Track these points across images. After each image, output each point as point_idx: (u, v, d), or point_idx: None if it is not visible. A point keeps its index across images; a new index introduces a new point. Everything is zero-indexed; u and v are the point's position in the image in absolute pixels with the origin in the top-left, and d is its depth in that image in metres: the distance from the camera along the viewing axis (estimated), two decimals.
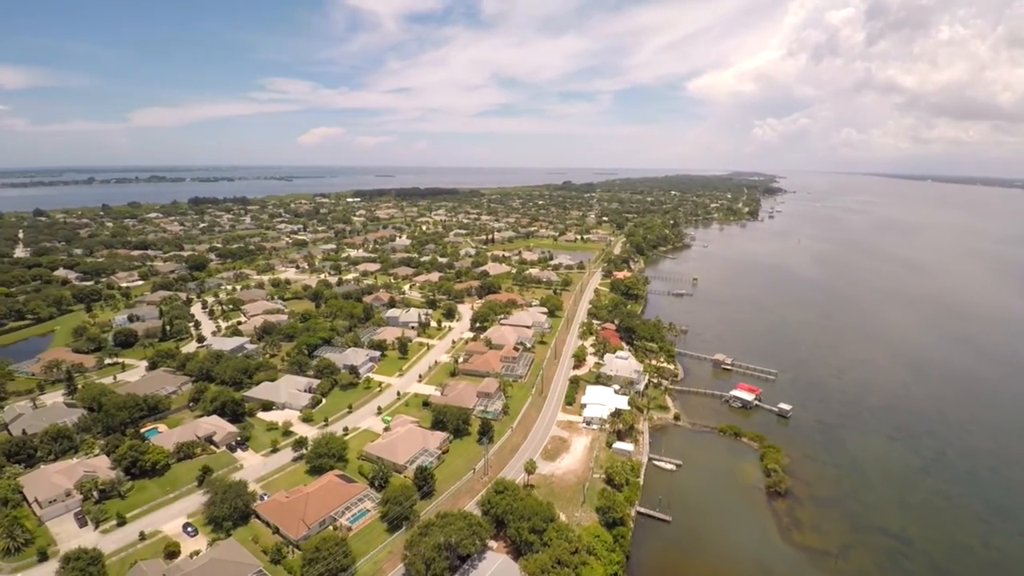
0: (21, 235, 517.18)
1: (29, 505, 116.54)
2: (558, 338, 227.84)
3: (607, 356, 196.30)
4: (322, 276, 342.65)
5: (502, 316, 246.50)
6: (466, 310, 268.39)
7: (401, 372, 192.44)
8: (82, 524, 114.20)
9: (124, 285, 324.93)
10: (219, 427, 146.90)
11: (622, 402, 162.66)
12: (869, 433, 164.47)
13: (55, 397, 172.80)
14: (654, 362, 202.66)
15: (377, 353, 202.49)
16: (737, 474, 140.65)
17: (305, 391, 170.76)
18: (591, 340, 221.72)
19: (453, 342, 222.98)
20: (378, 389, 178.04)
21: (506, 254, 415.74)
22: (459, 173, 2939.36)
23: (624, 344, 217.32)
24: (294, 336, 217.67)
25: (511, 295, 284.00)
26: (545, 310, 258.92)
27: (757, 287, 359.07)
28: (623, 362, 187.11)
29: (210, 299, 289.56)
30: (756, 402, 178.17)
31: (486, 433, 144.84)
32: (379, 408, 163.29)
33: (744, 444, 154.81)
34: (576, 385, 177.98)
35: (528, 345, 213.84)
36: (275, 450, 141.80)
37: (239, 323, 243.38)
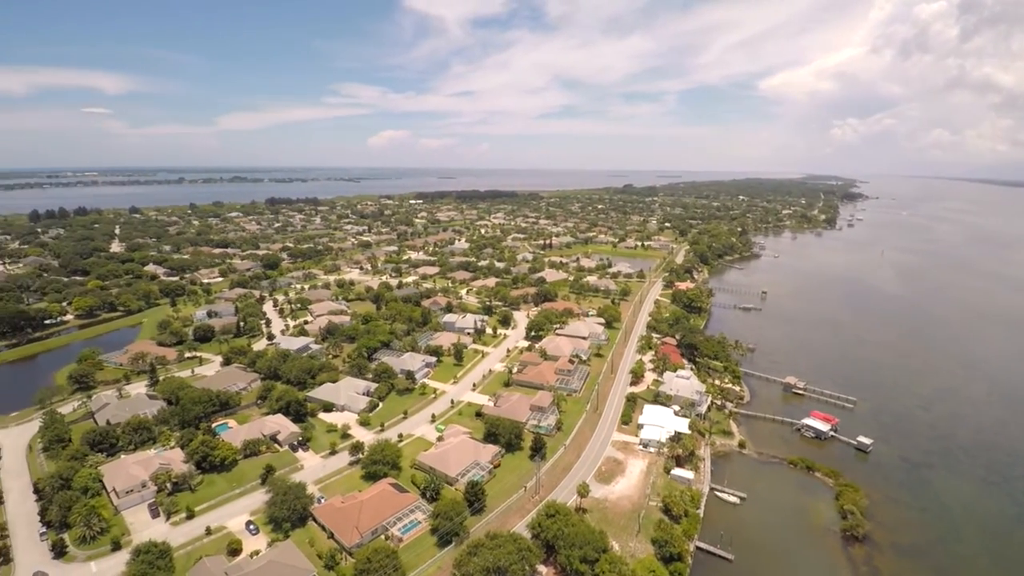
0: (118, 231, 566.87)
1: (108, 494, 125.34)
2: (615, 351, 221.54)
3: (667, 374, 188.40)
4: (384, 278, 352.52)
5: (558, 326, 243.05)
6: (521, 318, 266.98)
7: (456, 379, 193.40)
8: (155, 515, 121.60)
9: (205, 281, 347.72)
10: (283, 426, 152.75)
11: (682, 425, 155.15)
12: (960, 475, 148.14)
13: (139, 388, 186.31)
14: (718, 382, 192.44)
15: (433, 359, 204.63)
16: (809, 513, 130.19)
17: (363, 394, 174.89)
18: (650, 355, 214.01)
19: (508, 351, 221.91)
20: (433, 396, 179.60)
21: (563, 260, 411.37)
22: (519, 175, 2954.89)
23: (685, 361, 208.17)
24: (355, 338, 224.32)
25: (567, 304, 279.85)
26: (602, 321, 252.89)
27: (834, 303, 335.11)
28: (684, 381, 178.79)
29: (280, 298, 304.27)
30: (832, 433, 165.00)
31: (538, 449, 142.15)
32: (433, 416, 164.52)
33: (817, 480, 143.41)
34: (633, 403, 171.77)
35: (584, 357, 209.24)
36: (333, 452, 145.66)
37: (306, 322, 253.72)
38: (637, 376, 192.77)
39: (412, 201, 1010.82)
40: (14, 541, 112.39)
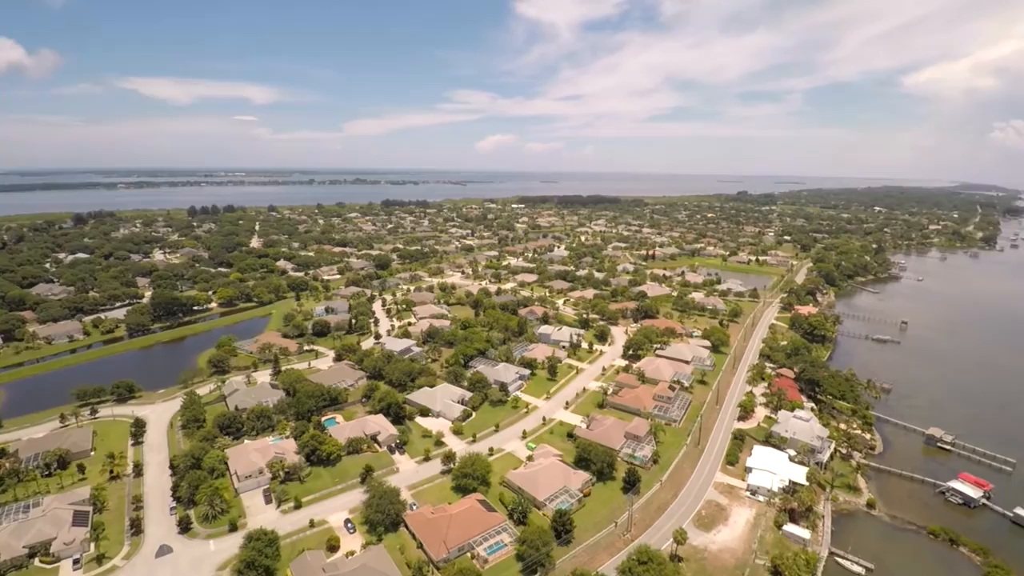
0: (257, 227, 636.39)
1: (230, 476, 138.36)
2: (722, 380, 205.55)
3: (782, 412, 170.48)
4: (483, 283, 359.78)
5: (658, 346, 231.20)
6: (619, 334, 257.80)
7: (548, 395, 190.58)
8: (267, 501, 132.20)
9: (325, 278, 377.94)
10: (383, 427, 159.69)
11: (799, 474, 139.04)
12: None
13: (264, 376, 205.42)
14: (843, 427, 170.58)
15: (527, 371, 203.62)
16: None
17: (458, 402, 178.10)
18: (762, 388, 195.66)
19: (603, 369, 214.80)
20: (525, 411, 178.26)
21: (667, 273, 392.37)
22: (623, 180, 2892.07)
23: (805, 399, 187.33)
24: (454, 343, 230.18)
25: (670, 322, 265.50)
26: (708, 344, 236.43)
27: (993, 341, 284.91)
28: (803, 423, 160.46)
29: (388, 298, 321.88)
30: (984, 500, 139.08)
31: (632, 482, 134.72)
32: (524, 432, 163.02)
33: (962, 556, 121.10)
34: (741, 442, 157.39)
35: (686, 383, 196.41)
36: (427, 459, 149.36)
37: (409, 324, 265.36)
38: (746, 411, 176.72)
39: (514, 205, 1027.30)
40: (147, 513, 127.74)
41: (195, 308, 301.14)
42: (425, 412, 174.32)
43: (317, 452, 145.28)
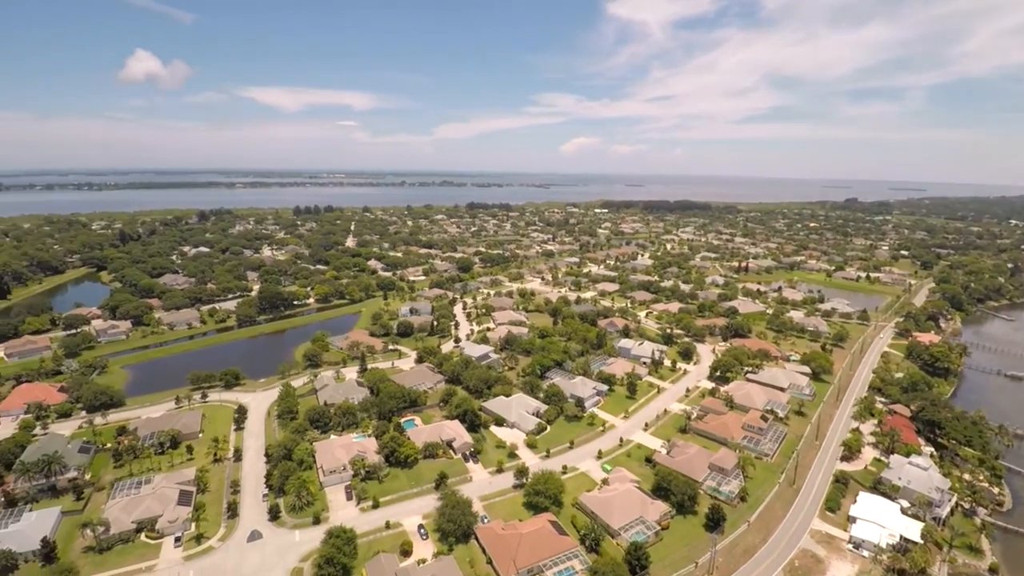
0: (352, 227, 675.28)
1: (317, 470, 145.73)
2: (823, 413, 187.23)
3: (895, 457, 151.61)
4: (563, 291, 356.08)
5: (749, 369, 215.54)
6: (706, 352, 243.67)
7: (627, 414, 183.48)
8: (348, 498, 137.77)
9: (411, 279, 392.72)
10: (459, 434, 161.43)
11: (912, 529, 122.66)
12: None
13: (351, 373, 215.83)
14: (967, 477, 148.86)
15: (604, 387, 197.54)
16: None
17: (533, 414, 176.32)
18: (871, 426, 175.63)
19: (687, 390, 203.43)
20: (601, 429, 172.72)
21: (762, 289, 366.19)
22: (714, 184, 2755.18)
23: (922, 442, 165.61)
24: (531, 352, 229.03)
25: (764, 343, 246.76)
26: (807, 370, 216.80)
27: None
28: (919, 471, 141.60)
29: (469, 301, 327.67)
30: None
31: (716, 520, 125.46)
32: (599, 452, 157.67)
33: None
34: (844, 486, 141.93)
35: (780, 414, 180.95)
36: (500, 471, 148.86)
37: (488, 329, 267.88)
38: (851, 451, 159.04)
39: (597, 210, 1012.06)
40: (243, 498, 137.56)
41: (295, 303, 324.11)
42: (500, 421, 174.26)
43: (396, 454, 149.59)
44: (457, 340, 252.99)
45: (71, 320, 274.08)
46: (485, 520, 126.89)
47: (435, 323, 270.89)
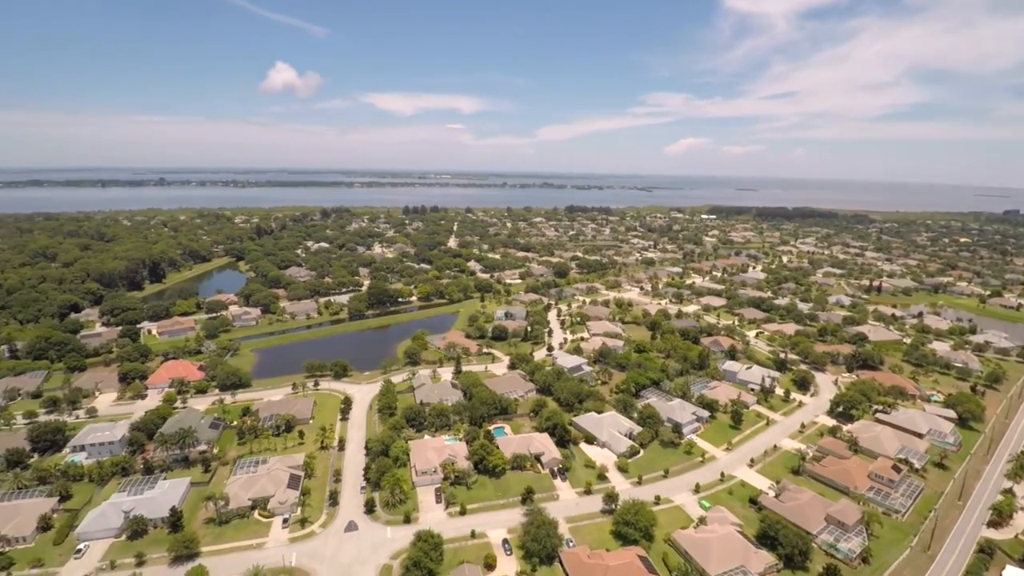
0: (455, 228, 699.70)
1: (411, 469, 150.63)
2: (969, 467, 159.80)
3: None
4: (663, 303, 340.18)
5: (880, 408, 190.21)
6: (826, 383, 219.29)
7: (730, 446, 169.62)
8: (437, 501, 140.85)
9: (508, 282, 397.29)
10: (547, 448, 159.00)
11: None
12: None
13: (447, 374, 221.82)
14: None
15: (705, 413, 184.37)
16: None
17: (626, 436, 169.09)
18: None
19: (802, 426, 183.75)
20: (700, 459, 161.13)
21: (898, 313, 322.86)
22: (841, 189, 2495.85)
23: None
24: (626, 367, 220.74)
25: (898, 378, 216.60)
26: (953, 415, 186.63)
27: None
28: None
29: (564, 308, 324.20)
30: None
31: None
32: (697, 486, 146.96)
33: None
34: (989, 558, 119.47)
35: (916, 464, 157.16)
36: (588, 492, 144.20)
37: (582, 339, 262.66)
38: (1002, 516, 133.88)
39: (704, 216, 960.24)
40: (343, 488, 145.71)
41: (399, 300, 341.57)
42: (590, 439, 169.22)
43: (485, 462, 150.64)
44: (550, 348, 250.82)
45: (212, 305, 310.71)
46: (571, 544, 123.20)
47: (529, 329, 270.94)
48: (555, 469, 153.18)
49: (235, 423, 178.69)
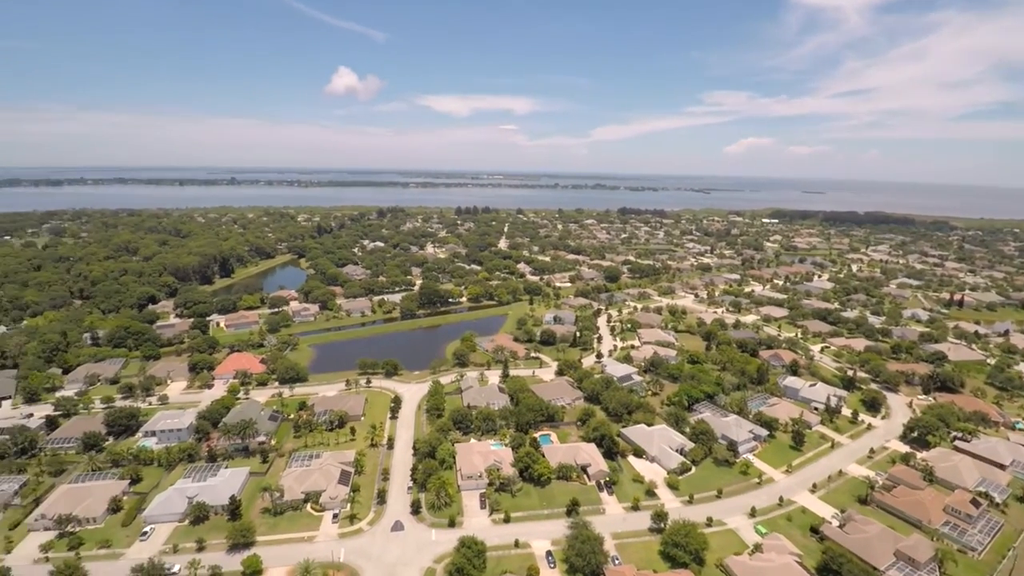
0: (506, 229, 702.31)
1: (456, 472, 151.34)
2: None
3: None
4: (719, 312, 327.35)
5: (959, 435, 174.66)
6: (899, 405, 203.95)
7: (790, 468, 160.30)
8: (482, 507, 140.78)
9: (557, 285, 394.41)
10: (594, 459, 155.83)
11: None
12: None
13: (494, 377, 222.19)
14: None
15: (763, 431, 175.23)
16: None
17: (677, 451, 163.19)
18: None
19: (871, 451, 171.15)
20: (756, 481, 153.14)
21: (982, 330, 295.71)
22: (918, 192, 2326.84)
23: None
24: (679, 378, 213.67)
25: (981, 403, 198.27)
26: None
27: None
28: None
29: (614, 314, 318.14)
30: None
31: None
32: (753, 509, 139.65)
33: None
34: None
35: (998, 499, 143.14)
36: (635, 508, 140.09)
37: (632, 347, 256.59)
38: None
39: (765, 220, 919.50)
40: (391, 487, 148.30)
41: (449, 300, 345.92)
42: (639, 453, 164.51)
43: (530, 470, 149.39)
44: (599, 356, 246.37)
45: (275, 300, 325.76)
46: (617, 561, 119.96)
47: (578, 334, 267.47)
48: (602, 482, 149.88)
49: (292, 416, 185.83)
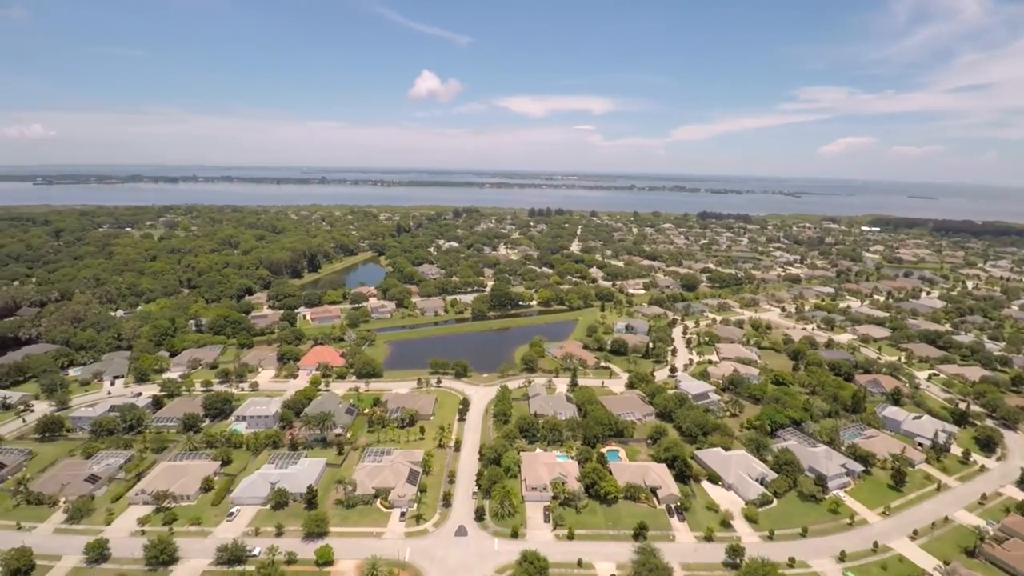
0: (579, 232, 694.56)
1: (520, 482, 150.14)
2: None
3: None
4: (809, 329, 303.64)
5: None
6: (1018, 445, 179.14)
7: (887, 510, 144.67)
8: (545, 520, 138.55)
9: (630, 292, 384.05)
10: (665, 482, 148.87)
11: None
12: None
13: (562, 385, 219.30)
14: None
15: (858, 467, 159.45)
16: None
17: (756, 480, 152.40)
18: None
19: (983, 496, 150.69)
20: (847, 522, 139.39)
21: None
22: None
23: None
24: (761, 400, 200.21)
25: None
26: None
27: None
28: None
29: (691, 325, 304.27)
30: None
31: None
32: (843, 553, 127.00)
33: None
34: None
35: None
36: (709, 539, 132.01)
37: (710, 363, 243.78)
38: None
39: (865, 228, 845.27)
40: (456, 490, 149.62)
41: (520, 303, 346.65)
42: (714, 478, 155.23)
43: (596, 487, 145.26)
44: (673, 370, 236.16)
45: (356, 296, 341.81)
46: None
47: (651, 345, 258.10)
48: (672, 506, 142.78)
49: (366, 411, 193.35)
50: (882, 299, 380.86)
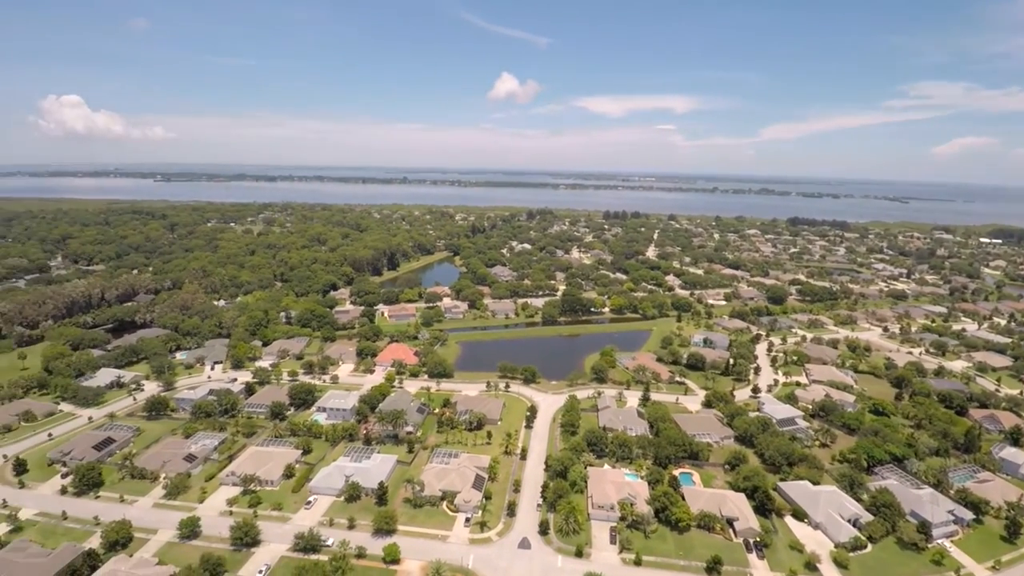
0: (655, 236, 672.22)
1: (587, 498, 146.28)
2: None
3: None
4: (916, 353, 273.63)
5: None
6: None
7: (997, 565, 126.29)
8: (612, 541, 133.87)
9: (710, 302, 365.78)
10: (743, 513, 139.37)
11: None
12: None
13: (633, 398, 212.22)
14: None
15: (969, 514, 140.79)
16: None
17: (849, 521, 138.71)
18: None
19: None
20: (952, 575, 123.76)
21: None
22: None
23: None
24: (856, 431, 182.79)
25: None
26: None
27: None
28: None
29: (777, 342, 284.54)
30: None
31: None
32: None
33: None
34: None
35: None
36: None
37: (798, 385, 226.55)
38: None
39: (984, 239, 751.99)
40: (521, 500, 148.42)
41: (591, 309, 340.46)
42: (799, 515, 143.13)
43: (667, 511, 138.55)
44: (756, 390, 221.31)
45: (430, 296, 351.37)
46: None
47: (731, 362, 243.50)
48: (751, 541, 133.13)
49: (437, 411, 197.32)
50: (1003, 322, 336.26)
